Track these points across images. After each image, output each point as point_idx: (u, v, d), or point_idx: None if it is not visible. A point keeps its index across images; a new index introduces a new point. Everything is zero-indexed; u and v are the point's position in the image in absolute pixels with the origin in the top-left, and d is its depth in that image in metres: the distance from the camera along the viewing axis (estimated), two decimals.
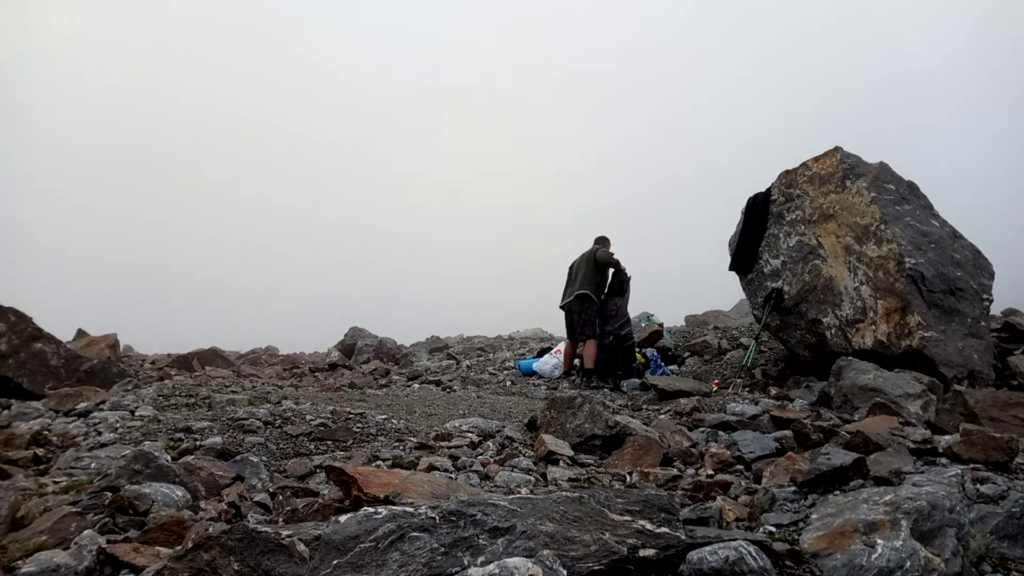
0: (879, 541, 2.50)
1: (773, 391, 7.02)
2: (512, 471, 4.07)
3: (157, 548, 2.65)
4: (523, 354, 10.64)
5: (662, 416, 5.89)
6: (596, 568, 2.25)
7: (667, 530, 2.45)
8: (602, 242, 9.33)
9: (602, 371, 8.50)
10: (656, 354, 9.46)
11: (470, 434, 5.02)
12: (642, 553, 2.33)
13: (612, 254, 9.03)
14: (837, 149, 7.76)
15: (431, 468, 4.02)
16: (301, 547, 2.22)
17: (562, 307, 9.18)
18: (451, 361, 10.84)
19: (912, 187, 7.68)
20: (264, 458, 4.23)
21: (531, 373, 9.37)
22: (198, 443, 4.40)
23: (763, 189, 8.43)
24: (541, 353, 9.98)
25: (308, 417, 5.21)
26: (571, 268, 9.30)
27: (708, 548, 2.33)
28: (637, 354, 9.13)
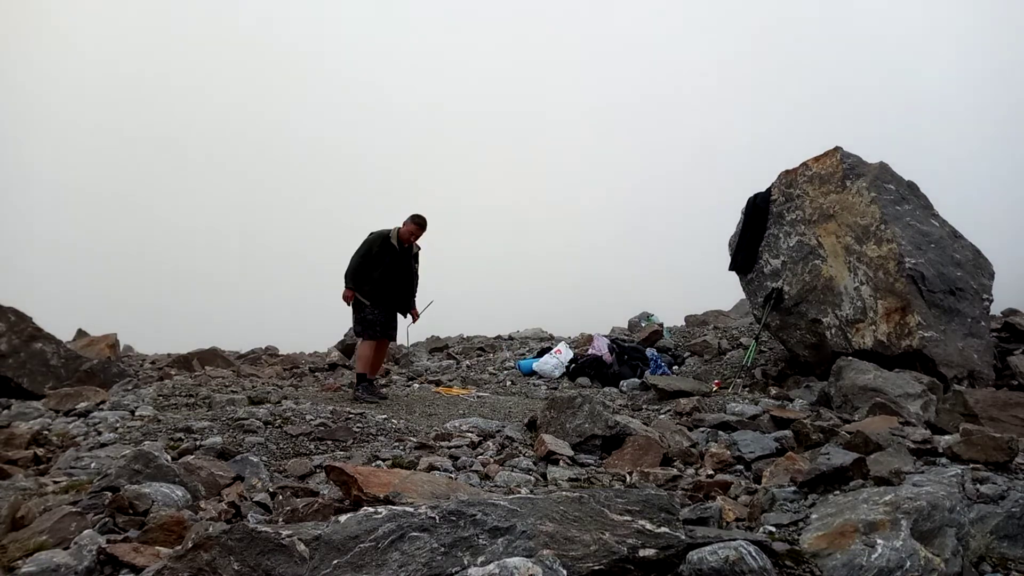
0: (879, 541, 2.51)
1: (773, 391, 7.02)
2: (512, 471, 4.07)
3: (157, 548, 2.65)
4: (523, 354, 10.63)
5: (662, 416, 5.89)
6: (596, 568, 2.25)
7: (667, 530, 2.45)
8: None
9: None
10: (656, 353, 9.46)
11: (470, 434, 5.02)
12: (642, 553, 2.33)
13: (361, 248, 7.28)
14: (837, 149, 7.76)
15: (431, 468, 4.02)
16: (301, 547, 2.22)
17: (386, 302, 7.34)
18: (451, 361, 10.84)
19: (912, 187, 7.68)
20: (264, 458, 4.23)
21: (531, 373, 9.37)
22: (198, 443, 4.40)
23: (763, 189, 8.44)
24: (541, 353, 9.97)
25: (308, 417, 5.21)
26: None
27: (708, 548, 2.33)
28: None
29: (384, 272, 7.15)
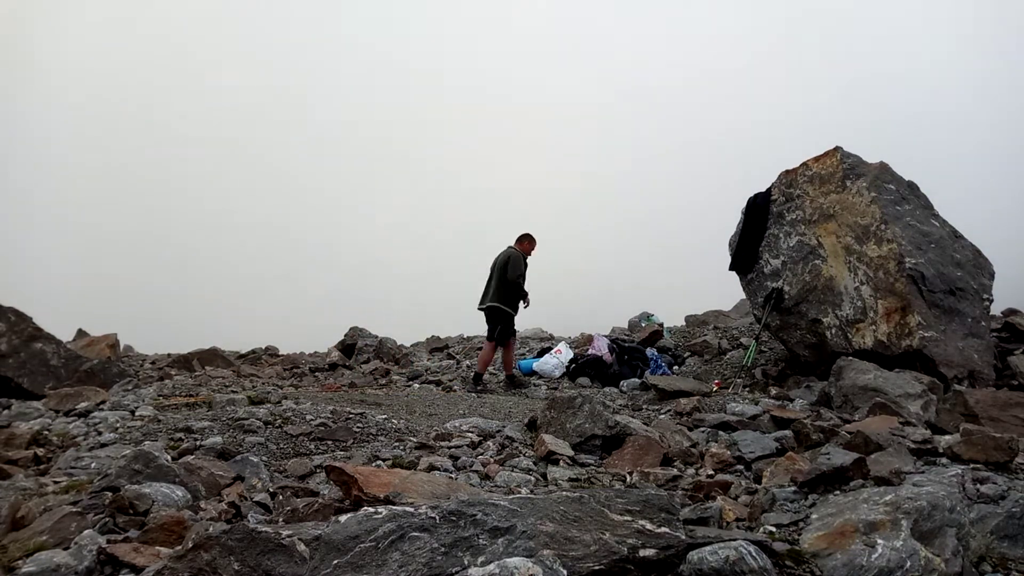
0: (879, 541, 2.51)
1: (773, 391, 7.02)
2: (512, 471, 4.07)
3: (157, 548, 2.65)
4: (523, 354, 10.63)
5: (662, 416, 5.89)
6: (596, 568, 2.25)
7: (667, 530, 2.45)
8: (522, 242, 8.78)
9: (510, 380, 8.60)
10: (656, 353, 9.46)
11: (470, 434, 5.02)
12: (642, 553, 2.33)
13: (523, 268, 8.58)
14: (837, 149, 7.76)
15: (431, 468, 4.02)
16: (301, 547, 2.22)
17: (480, 309, 8.76)
18: (451, 361, 10.83)
19: (912, 187, 7.68)
20: (264, 458, 4.23)
21: (531, 373, 9.37)
22: (198, 443, 4.40)
23: (763, 189, 8.43)
24: (541, 353, 9.97)
25: (308, 417, 5.21)
26: (492, 266, 8.75)
27: (708, 548, 2.33)
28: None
29: None
